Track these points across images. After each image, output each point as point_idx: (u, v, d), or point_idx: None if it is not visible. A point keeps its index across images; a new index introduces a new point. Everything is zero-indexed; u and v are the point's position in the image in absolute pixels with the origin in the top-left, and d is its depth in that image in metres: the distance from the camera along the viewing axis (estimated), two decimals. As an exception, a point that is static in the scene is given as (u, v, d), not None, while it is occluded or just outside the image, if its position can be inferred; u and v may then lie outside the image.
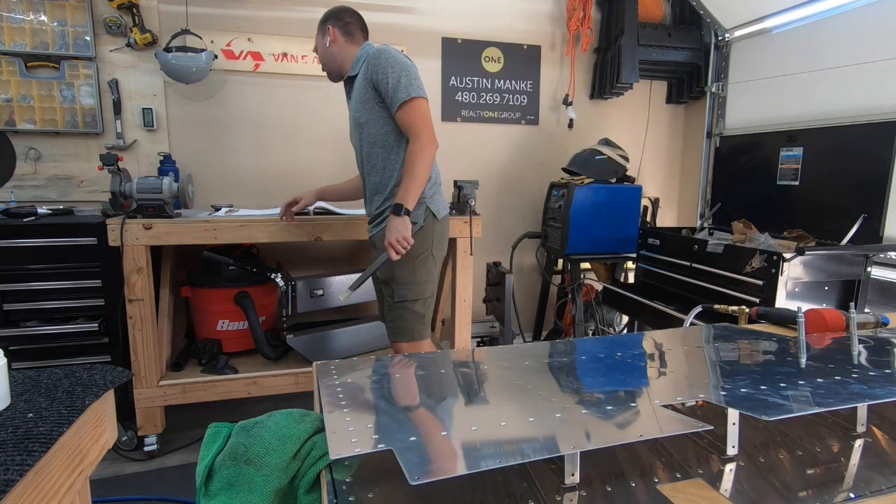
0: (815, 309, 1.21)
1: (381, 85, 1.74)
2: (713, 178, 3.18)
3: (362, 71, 1.81)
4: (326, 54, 1.91)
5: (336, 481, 0.65)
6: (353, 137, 1.94)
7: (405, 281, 1.87)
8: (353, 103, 1.88)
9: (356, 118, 1.86)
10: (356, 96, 1.85)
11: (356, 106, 1.85)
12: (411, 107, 1.72)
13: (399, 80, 1.72)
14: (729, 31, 3.04)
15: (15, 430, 0.69)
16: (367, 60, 1.78)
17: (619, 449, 0.72)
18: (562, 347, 1.08)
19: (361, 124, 1.84)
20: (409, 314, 1.89)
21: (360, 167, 1.96)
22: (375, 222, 1.95)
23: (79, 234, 2.21)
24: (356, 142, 1.92)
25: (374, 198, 1.93)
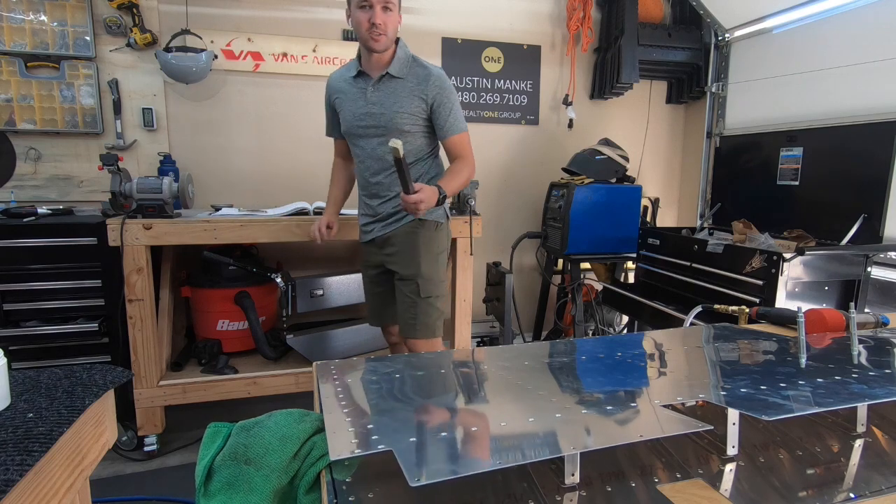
0: (815, 309, 1.21)
1: (440, 108, 1.81)
2: (713, 178, 3.18)
3: (413, 81, 1.80)
4: (393, 31, 1.79)
5: (336, 481, 0.65)
6: (369, 134, 1.86)
7: (431, 277, 1.90)
8: (387, 105, 1.81)
9: (395, 123, 1.81)
10: (398, 102, 1.80)
11: (396, 112, 1.80)
12: (464, 138, 1.87)
13: (457, 111, 1.85)
14: (729, 31, 3.04)
15: (15, 430, 0.69)
16: (430, 80, 1.79)
17: (619, 449, 0.72)
18: (562, 347, 1.08)
19: (402, 132, 1.81)
20: (433, 310, 1.91)
21: (373, 165, 1.89)
22: (390, 220, 1.92)
23: (79, 234, 2.20)
24: (377, 142, 1.86)
25: (394, 198, 1.88)
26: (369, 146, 1.87)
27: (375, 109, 1.83)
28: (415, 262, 1.88)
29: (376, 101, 1.82)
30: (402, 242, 1.91)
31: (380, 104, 1.82)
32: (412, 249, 1.90)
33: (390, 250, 1.94)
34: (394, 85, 1.81)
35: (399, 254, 1.92)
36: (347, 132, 1.91)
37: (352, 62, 1.91)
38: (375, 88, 1.82)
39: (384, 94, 1.82)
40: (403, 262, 1.91)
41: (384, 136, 1.82)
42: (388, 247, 1.94)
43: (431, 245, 1.92)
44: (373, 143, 1.86)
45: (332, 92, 1.95)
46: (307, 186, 2.95)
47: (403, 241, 1.91)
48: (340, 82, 1.91)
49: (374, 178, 1.90)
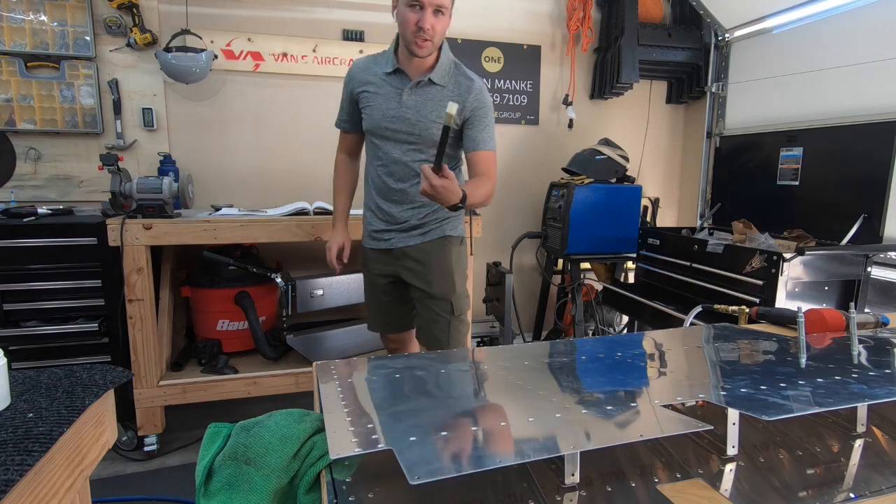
0: (815, 309, 1.21)
1: (476, 121, 1.71)
2: (713, 178, 3.18)
3: (453, 90, 1.69)
4: (440, 37, 1.64)
5: (336, 481, 0.64)
6: (398, 138, 1.73)
7: (462, 294, 1.85)
8: (424, 113, 1.68)
9: (430, 132, 1.68)
10: (435, 111, 1.67)
11: (432, 121, 1.68)
12: (492, 157, 1.74)
13: (491, 128, 1.75)
14: (729, 31, 3.04)
15: (15, 430, 0.69)
16: (471, 91, 1.68)
17: (619, 449, 0.72)
18: (562, 347, 1.08)
19: (432, 135, 1.69)
20: (463, 326, 1.87)
21: (399, 171, 1.75)
22: (413, 232, 1.81)
23: (79, 234, 2.20)
24: (406, 149, 1.73)
25: (419, 208, 1.79)
26: (396, 151, 1.73)
27: (410, 115, 1.68)
28: (449, 281, 1.81)
29: (412, 107, 1.68)
30: (431, 259, 1.81)
31: (415, 110, 1.68)
32: (444, 268, 1.81)
33: (411, 264, 1.82)
34: (433, 92, 1.68)
35: (427, 271, 1.81)
36: (372, 131, 1.75)
37: (384, 54, 1.73)
38: (413, 92, 1.68)
39: (422, 100, 1.68)
40: (434, 280, 1.80)
41: (416, 144, 1.71)
42: (408, 259, 1.82)
43: (461, 262, 1.87)
44: (401, 149, 1.73)
45: (356, 84, 1.75)
46: (307, 186, 2.95)
47: (432, 257, 1.81)
48: (369, 75, 1.73)
49: (399, 184, 1.76)
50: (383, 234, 1.85)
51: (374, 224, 1.88)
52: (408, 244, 1.82)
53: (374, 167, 1.81)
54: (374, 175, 1.83)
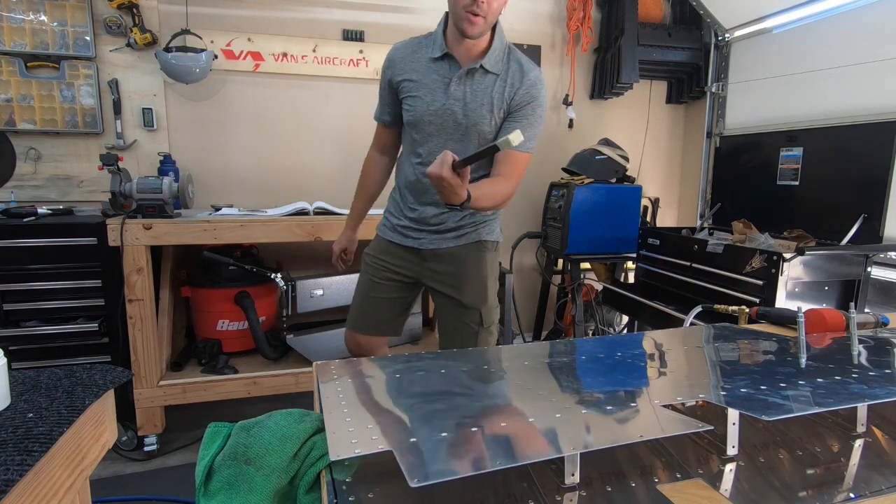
0: (815, 309, 1.21)
1: (520, 114, 1.50)
2: (713, 178, 3.18)
3: (506, 80, 1.49)
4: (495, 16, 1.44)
5: (336, 481, 0.64)
6: (443, 133, 1.54)
7: (493, 304, 1.71)
8: (473, 106, 1.49)
9: (478, 127, 1.51)
10: (486, 104, 1.49)
11: (481, 116, 1.50)
12: (525, 159, 1.53)
13: (536, 127, 1.53)
14: (729, 31, 3.04)
15: (15, 430, 0.69)
16: (524, 81, 1.49)
17: (619, 449, 0.72)
18: (562, 347, 1.08)
19: (481, 132, 1.52)
20: (491, 337, 1.74)
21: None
22: (448, 235, 1.65)
23: (79, 234, 2.20)
24: (451, 146, 1.51)
25: (466, 219, 1.65)
26: (439, 148, 1.48)
27: (457, 107, 1.49)
28: (481, 290, 1.66)
29: (460, 98, 1.49)
30: (465, 266, 1.65)
31: (463, 102, 1.49)
32: (478, 275, 1.66)
33: (441, 269, 1.66)
34: (485, 81, 1.49)
35: (458, 278, 1.65)
36: (414, 123, 1.55)
37: (430, 37, 1.53)
38: (461, 82, 1.48)
39: (472, 90, 1.49)
40: (466, 288, 1.65)
41: (462, 141, 1.52)
42: (438, 263, 1.67)
43: (494, 269, 1.72)
44: (446, 146, 1.53)
45: (397, 71, 1.55)
46: (307, 186, 2.95)
47: (466, 264, 1.65)
48: (412, 61, 1.53)
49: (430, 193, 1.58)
50: (411, 231, 1.67)
51: (398, 219, 1.69)
52: (440, 247, 1.65)
53: (412, 164, 1.61)
54: (408, 172, 1.63)
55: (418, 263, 1.69)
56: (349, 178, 3.07)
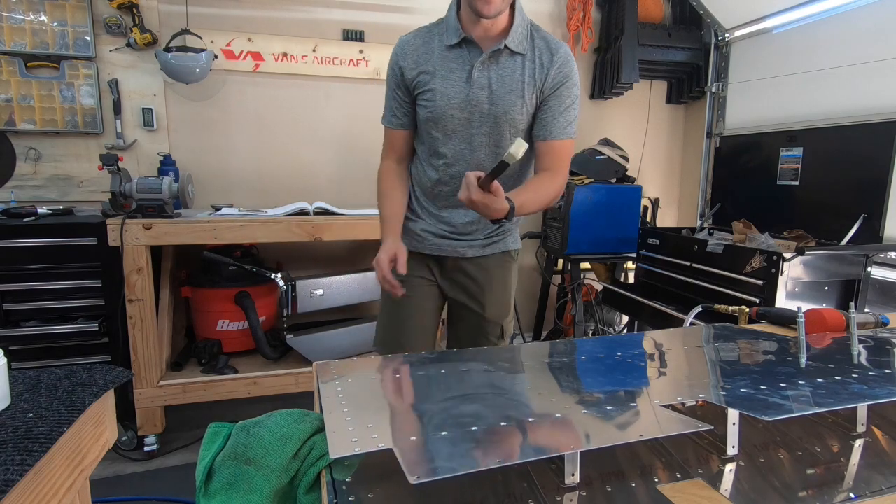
0: (815, 309, 1.21)
1: (555, 100, 1.36)
2: (713, 178, 3.18)
3: (534, 60, 1.34)
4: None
5: (336, 481, 0.65)
6: (469, 127, 1.36)
7: (512, 315, 1.63)
8: (501, 93, 1.33)
9: (510, 117, 1.35)
10: (516, 90, 1.33)
11: (512, 103, 1.34)
12: (569, 146, 1.41)
13: (574, 109, 1.39)
14: (729, 31, 3.04)
15: (15, 430, 0.69)
16: (554, 61, 1.35)
17: (619, 449, 0.72)
18: (562, 347, 1.08)
19: (515, 130, 1.37)
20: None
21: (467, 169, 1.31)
22: (478, 243, 1.50)
23: (79, 234, 2.20)
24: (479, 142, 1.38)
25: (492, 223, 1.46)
26: (465, 146, 1.38)
27: (483, 96, 1.33)
28: (505, 304, 1.56)
29: (485, 86, 1.32)
30: (491, 279, 1.52)
31: (489, 90, 1.33)
32: (504, 289, 1.55)
33: (465, 281, 1.52)
34: (511, 64, 1.33)
35: (484, 291, 1.52)
36: (436, 120, 1.36)
37: (440, 24, 1.39)
38: (485, 66, 1.32)
39: (498, 76, 1.33)
40: (491, 303, 1.53)
41: (491, 133, 1.37)
42: (462, 275, 1.52)
43: (516, 280, 1.60)
44: (473, 142, 1.37)
45: (410, 64, 1.37)
46: (307, 186, 2.95)
47: (493, 276, 1.53)
48: (425, 52, 1.36)
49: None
50: (439, 241, 1.50)
51: (421, 224, 1.51)
52: (465, 255, 1.50)
53: (433, 166, 1.43)
54: (429, 175, 1.45)
55: (441, 272, 1.54)
56: (349, 178, 3.08)
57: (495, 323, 1.55)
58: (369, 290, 2.69)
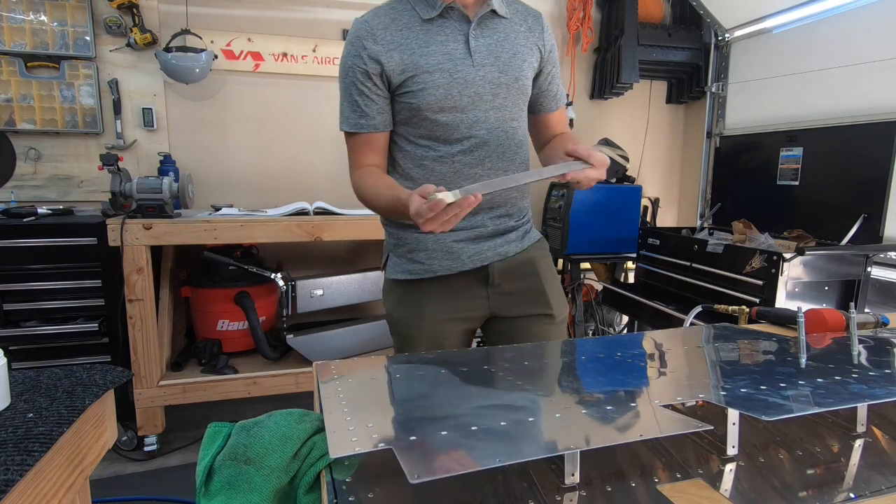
0: (815, 309, 1.20)
1: (553, 67, 1.28)
2: (713, 178, 3.18)
3: (521, 23, 1.22)
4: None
5: (336, 481, 0.65)
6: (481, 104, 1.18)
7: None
8: (505, 58, 1.18)
9: (520, 83, 1.21)
10: (518, 53, 1.20)
11: (513, 61, 1.19)
12: (565, 111, 1.34)
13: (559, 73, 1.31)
14: (729, 31, 3.04)
15: (15, 430, 0.69)
16: (541, 23, 1.26)
17: (619, 449, 0.72)
18: (562, 347, 1.08)
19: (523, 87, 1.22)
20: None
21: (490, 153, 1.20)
22: (514, 235, 1.29)
23: (79, 234, 2.21)
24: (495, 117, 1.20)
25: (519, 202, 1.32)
26: (482, 126, 1.19)
27: (489, 64, 1.16)
28: (562, 295, 1.35)
29: (489, 52, 1.17)
30: (541, 269, 1.31)
31: (495, 57, 1.17)
32: (556, 278, 1.35)
33: (515, 285, 1.28)
34: (503, 28, 1.19)
35: (543, 286, 1.30)
36: (440, 104, 1.15)
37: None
38: (480, 33, 1.17)
39: (495, 41, 1.18)
40: (553, 297, 1.31)
41: (505, 106, 1.20)
42: (509, 280, 1.27)
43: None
44: (490, 119, 1.19)
45: (381, 48, 1.13)
46: (307, 186, 2.95)
47: (542, 266, 1.32)
48: (397, 30, 1.14)
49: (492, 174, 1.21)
50: (468, 244, 1.23)
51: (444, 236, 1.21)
52: (508, 253, 1.26)
53: (442, 162, 1.20)
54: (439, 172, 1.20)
55: (483, 292, 1.26)
56: (349, 177, 3.08)
57: (561, 321, 1.32)
58: (369, 290, 2.69)
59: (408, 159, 1.23)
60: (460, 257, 1.23)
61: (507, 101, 1.20)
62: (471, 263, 1.23)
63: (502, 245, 1.26)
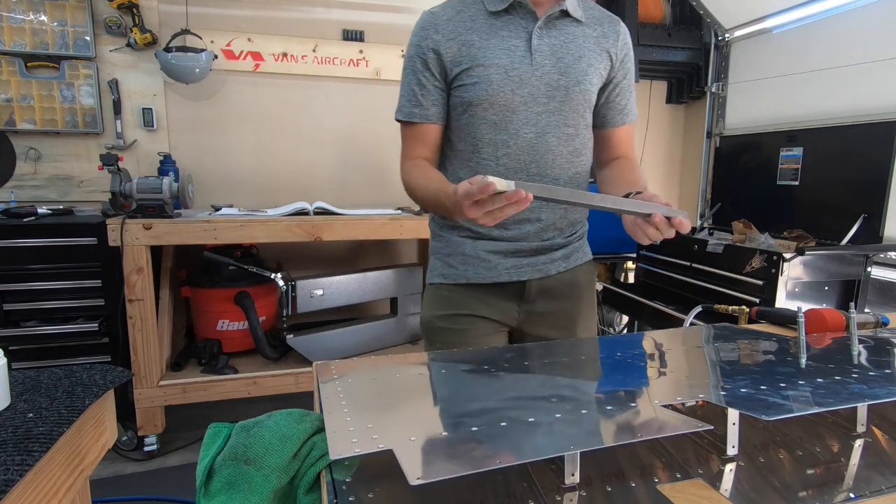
0: (815, 309, 1.20)
1: (627, 80, 1.20)
2: (713, 178, 3.18)
3: (595, 28, 1.16)
4: None
5: (336, 481, 0.64)
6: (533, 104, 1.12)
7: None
8: (569, 60, 1.12)
9: (583, 87, 1.14)
10: (585, 57, 1.14)
11: (578, 64, 1.13)
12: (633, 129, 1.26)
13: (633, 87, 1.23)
14: (729, 31, 3.04)
15: (15, 430, 0.69)
16: (619, 31, 1.19)
17: (619, 449, 0.72)
18: (562, 347, 1.08)
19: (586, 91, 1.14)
20: None
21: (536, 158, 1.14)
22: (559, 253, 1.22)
23: (79, 234, 2.21)
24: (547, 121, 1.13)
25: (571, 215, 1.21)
26: (531, 129, 1.13)
27: (550, 65, 1.11)
28: (593, 323, 1.30)
29: (550, 53, 1.12)
30: (581, 296, 1.25)
31: (558, 59, 1.12)
32: (593, 307, 1.29)
33: (549, 307, 1.22)
34: (572, 30, 1.14)
35: (575, 317, 1.24)
36: (490, 100, 1.11)
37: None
38: (544, 33, 1.12)
39: (561, 41, 1.13)
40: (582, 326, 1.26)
41: (561, 111, 1.14)
42: (546, 300, 1.22)
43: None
44: (540, 122, 1.13)
45: (443, 37, 1.12)
46: (307, 186, 2.95)
47: (582, 293, 1.25)
48: (461, 21, 1.12)
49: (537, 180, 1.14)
50: (503, 257, 1.18)
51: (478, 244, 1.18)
52: (549, 273, 1.20)
53: (486, 162, 1.15)
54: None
55: (516, 306, 1.21)
56: (349, 178, 3.08)
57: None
58: (369, 290, 2.69)
59: (456, 159, 1.20)
60: (497, 268, 1.18)
61: (564, 106, 1.14)
62: (507, 276, 1.18)
63: (545, 263, 1.19)
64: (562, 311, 1.23)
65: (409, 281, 2.80)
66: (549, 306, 1.22)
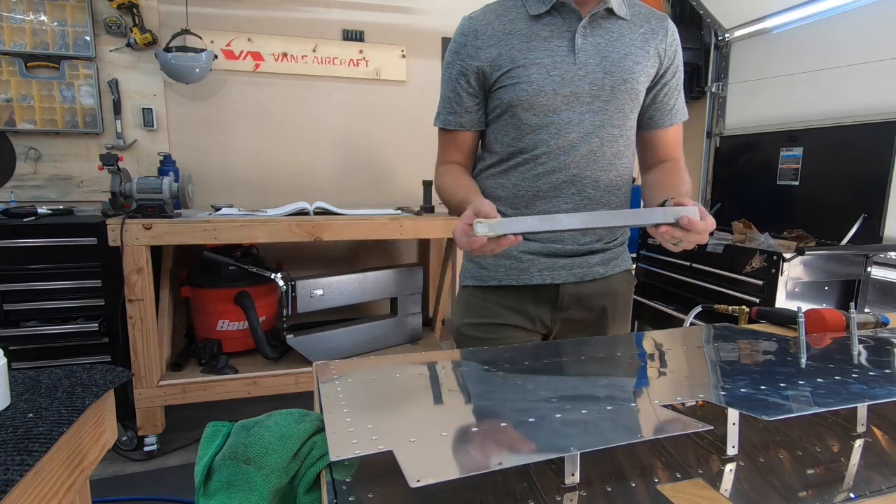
0: (815, 309, 1.20)
1: (675, 79, 1.17)
2: (713, 178, 3.19)
3: (642, 26, 1.12)
4: None
5: (336, 481, 0.64)
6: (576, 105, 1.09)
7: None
8: (615, 59, 1.09)
9: (629, 86, 1.10)
10: (631, 55, 1.10)
11: (624, 62, 1.09)
12: (681, 129, 1.21)
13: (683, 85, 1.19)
14: (729, 31, 3.04)
15: (15, 430, 0.69)
16: (668, 29, 1.15)
17: (619, 449, 0.72)
18: (562, 347, 1.08)
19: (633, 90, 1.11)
20: None
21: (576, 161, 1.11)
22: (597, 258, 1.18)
23: (79, 234, 2.21)
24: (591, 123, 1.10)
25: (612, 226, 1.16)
26: (573, 130, 1.09)
27: (594, 63, 1.08)
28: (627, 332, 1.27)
29: (594, 52, 1.08)
30: (616, 306, 1.21)
31: (602, 57, 1.08)
32: (626, 318, 1.26)
33: (582, 315, 1.19)
34: (618, 28, 1.11)
35: (604, 323, 1.21)
36: (531, 101, 1.08)
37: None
38: (589, 32, 1.09)
39: (606, 40, 1.10)
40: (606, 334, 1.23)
41: (606, 110, 1.10)
42: (579, 308, 1.18)
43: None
44: (582, 121, 1.09)
45: (483, 42, 1.10)
46: (307, 186, 2.95)
47: (617, 303, 1.22)
48: (502, 25, 1.10)
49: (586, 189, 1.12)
50: (540, 257, 1.15)
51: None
52: (584, 278, 1.16)
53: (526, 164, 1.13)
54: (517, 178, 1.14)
55: (549, 311, 1.18)
56: (349, 178, 3.08)
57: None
58: (369, 290, 2.69)
59: (494, 161, 1.18)
60: (529, 270, 1.15)
61: (609, 105, 1.10)
62: (540, 278, 1.14)
63: (581, 266, 1.15)
64: (595, 321, 1.20)
65: (409, 281, 2.80)
66: (583, 315, 1.19)
